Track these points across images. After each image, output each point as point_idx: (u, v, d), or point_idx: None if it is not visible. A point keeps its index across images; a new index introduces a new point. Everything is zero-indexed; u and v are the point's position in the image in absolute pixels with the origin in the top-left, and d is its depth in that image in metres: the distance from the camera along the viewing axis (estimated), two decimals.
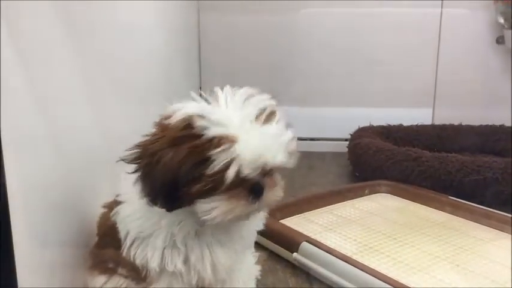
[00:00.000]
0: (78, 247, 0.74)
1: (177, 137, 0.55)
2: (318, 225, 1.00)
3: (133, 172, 0.58)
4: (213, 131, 0.54)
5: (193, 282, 0.64)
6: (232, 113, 0.56)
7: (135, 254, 0.62)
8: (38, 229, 0.63)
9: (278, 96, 0.61)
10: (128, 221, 0.63)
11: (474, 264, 0.84)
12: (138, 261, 0.62)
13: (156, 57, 1.23)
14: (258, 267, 0.82)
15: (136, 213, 0.62)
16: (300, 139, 0.58)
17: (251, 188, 0.57)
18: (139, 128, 0.61)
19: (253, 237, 0.69)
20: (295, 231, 0.93)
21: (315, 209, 1.08)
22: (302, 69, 1.75)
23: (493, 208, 1.04)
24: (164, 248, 0.61)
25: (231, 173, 0.54)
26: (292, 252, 0.86)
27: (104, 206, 0.72)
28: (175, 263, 0.61)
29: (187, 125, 0.55)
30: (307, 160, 1.58)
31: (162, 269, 0.62)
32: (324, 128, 1.75)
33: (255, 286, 0.75)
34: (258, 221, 0.68)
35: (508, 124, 1.58)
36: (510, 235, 0.95)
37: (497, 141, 1.54)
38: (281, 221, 1.00)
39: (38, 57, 0.66)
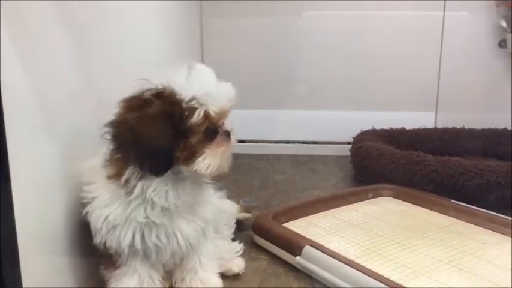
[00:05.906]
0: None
1: (152, 109, 0.64)
2: (321, 229, 1.00)
3: (115, 148, 0.66)
4: (182, 96, 0.65)
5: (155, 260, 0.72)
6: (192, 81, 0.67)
7: (110, 239, 0.69)
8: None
9: (281, 99, 0.64)
10: (105, 211, 0.68)
11: (477, 268, 0.84)
12: (113, 246, 0.69)
13: (158, 60, 1.23)
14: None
15: (111, 203, 0.68)
16: (302, 142, 0.62)
17: (224, 133, 0.70)
18: None
19: (211, 213, 0.76)
20: (298, 235, 0.93)
21: (318, 213, 1.08)
22: (304, 72, 1.75)
23: (496, 212, 1.04)
24: (136, 229, 0.68)
25: (196, 117, 0.64)
26: (295, 256, 0.86)
27: None
28: (145, 240, 0.69)
29: (158, 94, 0.65)
30: (310, 164, 1.58)
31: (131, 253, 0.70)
32: (326, 131, 1.74)
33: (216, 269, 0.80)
34: (212, 199, 0.77)
35: (510, 128, 1.58)
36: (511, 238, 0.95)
37: (500, 144, 1.54)
38: (284, 224, 1.00)
39: (39, 57, 0.66)
